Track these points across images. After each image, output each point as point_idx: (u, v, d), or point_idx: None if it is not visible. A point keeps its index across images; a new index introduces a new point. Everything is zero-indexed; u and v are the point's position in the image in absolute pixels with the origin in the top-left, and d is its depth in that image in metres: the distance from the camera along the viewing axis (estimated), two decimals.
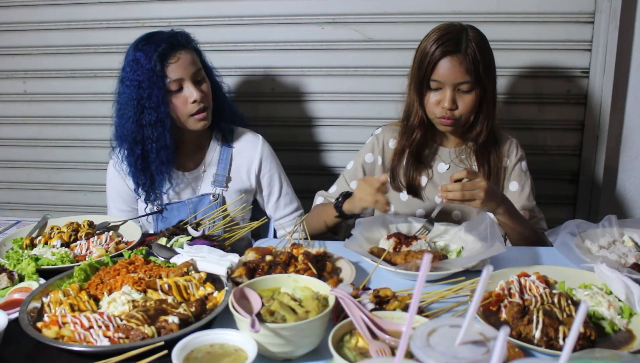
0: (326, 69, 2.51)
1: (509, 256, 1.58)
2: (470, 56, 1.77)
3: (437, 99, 1.83)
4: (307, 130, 2.61)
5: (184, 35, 1.94)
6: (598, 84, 2.35)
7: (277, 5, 2.46)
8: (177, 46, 1.89)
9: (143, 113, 1.87)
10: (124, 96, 1.90)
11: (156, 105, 1.86)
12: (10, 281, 1.44)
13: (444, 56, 1.78)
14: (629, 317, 1.26)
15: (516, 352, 1.10)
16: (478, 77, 1.79)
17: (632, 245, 1.60)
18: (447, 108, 1.80)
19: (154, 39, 1.89)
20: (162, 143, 1.91)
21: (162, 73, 1.85)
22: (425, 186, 1.98)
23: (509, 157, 1.97)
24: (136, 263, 1.45)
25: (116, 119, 1.97)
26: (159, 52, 1.84)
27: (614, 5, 2.26)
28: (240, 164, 2.09)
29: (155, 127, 1.88)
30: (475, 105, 1.83)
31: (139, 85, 1.85)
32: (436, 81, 1.81)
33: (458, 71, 1.78)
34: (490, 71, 1.84)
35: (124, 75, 1.91)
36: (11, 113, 2.82)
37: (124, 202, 2.11)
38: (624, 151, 2.51)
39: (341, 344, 1.06)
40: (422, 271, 0.75)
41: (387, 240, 1.63)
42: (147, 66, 1.84)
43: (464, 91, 1.81)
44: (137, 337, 1.14)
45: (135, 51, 1.88)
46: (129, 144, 1.93)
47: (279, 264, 1.44)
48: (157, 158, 1.92)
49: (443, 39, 1.79)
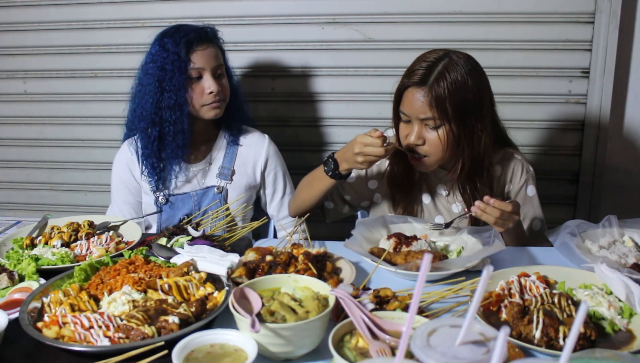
0: (326, 69, 2.51)
1: (509, 256, 1.58)
2: (435, 90, 1.62)
3: (405, 133, 1.72)
4: (307, 130, 2.61)
5: (212, 31, 2.01)
6: (598, 84, 2.35)
7: (277, 5, 2.46)
8: (204, 38, 1.96)
9: (163, 95, 1.92)
10: (146, 78, 1.95)
11: (176, 88, 1.91)
12: (10, 281, 1.44)
13: (408, 87, 1.68)
14: (629, 317, 1.26)
15: (516, 352, 1.10)
16: (444, 114, 1.63)
17: (632, 245, 1.60)
18: (412, 143, 1.69)
19: (183, 28, 1.96)
20: (180, 127, 1.95)
21: (186, 58, 1.91)
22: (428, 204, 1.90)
23: (512, 182, 1.86)
24: (136, 263, 1.45)
25: (133, 104, 2.03)
26: (186, 39, 1.91)
27: (614, 5, 2.26)
28: (246, 160, 2.12)
29: (174, 111, 1.93)
30: (444, 143, 1.66)
31: (162, 67, 1.91)
32: (403, 113, 1.71)
33: (420, 105, 1.64)
34: (467, 107, 1.65)
35: (148, 59, 1.97)
36: (11, 113, 2.82)
37: (129, 193, 2.12)
38: (624, 151, 2.51)
39: (341, 344, 1.06)
40: (422, 271, 0.75)
41: (387, 240, 1.63)
42: (173, 49, 1.90)
43: (430, 127, 1.67)
44: (138, 337, 1.14)
45: (162, 37, 1.95)
46: (146, 125, 1.97)
47: (279, 264, 1.44)
48: (173, 140, 1.97)
49: (414, 67, 1.68)
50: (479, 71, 1.69)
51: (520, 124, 2.45)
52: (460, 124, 1.66)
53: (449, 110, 1.62)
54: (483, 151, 1.72)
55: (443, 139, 1.66)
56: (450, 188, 1.88)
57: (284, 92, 2.56)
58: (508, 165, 1.87)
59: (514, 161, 1.87)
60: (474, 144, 1.70)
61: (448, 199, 1.90)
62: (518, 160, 1.87)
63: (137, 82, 2.02)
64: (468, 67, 1.66)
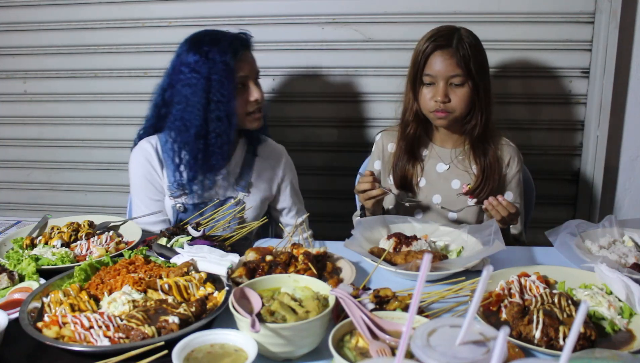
0: (326, 69, 2.51)
1: (509, 256, 1.58)
2: (460, 50, 1.82)
3: (430, 94, 1.87)
4: (307, 130, 2.61)
5: (249, 36, 1.96)
6: (598, 84, 2.35)
7: (277, 5, 2.46)
8: (246, 45, 1.94)
9: (210, 106, 1.85)
10: (188, 89, 1.86)
11: (227, 99, 1.85)
12: (10, 281, 1.44)
13: (435, 50, 1.84)
14: (629, 317, 1.26)
15: (516, 352, 1.10)
16: (469, 72, 1.83)
17: (632, 245, 1.60)
18: (440, 101, 1.84)
19: (222, 35, 1.90)
20: (226, 138, 1.89)
21: (234, 67, 1.85)
22: (424, 186, 1.99)
23: (510, 166, 1.99)
24: (136, 263, 1.45)
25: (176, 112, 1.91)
26: (233, 47, 1.86)
27: (614, 5, 2.26)
28: (264, 172, 2.08)
29: (222, 122, 1.86)
30: (468, 98, 1.86)
31: (207, 77, 1.83)
32: (429, 75, 1.86)
33: (449, 64, 1.82)
34: (483, 69, 1.88)
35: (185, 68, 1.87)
36: (11, 113, 2.82)
37: (155, 190, 2.01)
38: (624, 151, 2.51)
39: (341, 344, 1.06)
40: (422, 271, 0.75)
41: (387, 240, 1.63)
42: (220, 59, 1.84)
43: (456, 84, 1.84)
44: (138, 337, 1.14)
45: (199, 45, 1.87)
46: (189, 138, 1.89)
47: (279, 264, 1.44)
48: (219, 153, 1.91)
49: (435, 36, 1.86)
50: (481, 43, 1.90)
51: (520, 124, 2.45)
52: (480, 84, 1.86)
53: (473, 68, 1.83)
54: (490, 115, 1.91)
55: (467, 95, 1.85)
56: (450, 162, 1.99)
57: (284, 92, 2.56)
58: (506, 150, 1.99)
59: (510, 147, 2.00)
60: (488, 104, 1.90)
61: (447, 175, 1.98)
62: (513, 148, 2.01)
63: (172, 92, 1.92)
64: (472, 34, 1.88)
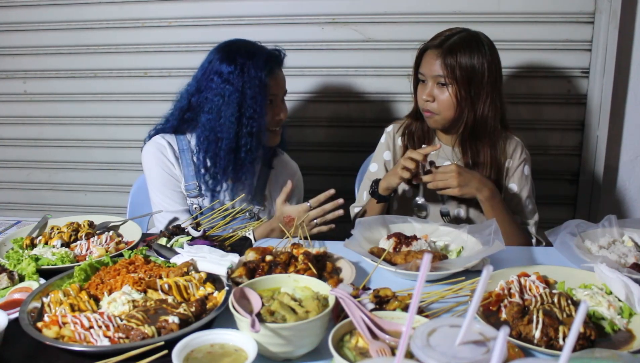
0: (326, 69, 2.51)
1: (509, 256, 1.58)
2: (448, 52, 1.82)
3: (422, 92, 1.90)
4: (307, 130, 2.61)
5: (284, 55, 1.98)
6: (598, 84, 2.36)
7: (277, 5, 2.47)
8: (280, 63, 1.96)
9: (242, 120, 1.86)
10: (220, 99, 1.86)
11: (259, 116, 1.86)
12: (10, 281, 1.44)
13: (427, 49, 1.89)
14: (629, 317, 1.26)
15: (516, 352, 1.10)
16: (453, 74, 1.81)
17: (632, 245, 1.60)
18: (424, 100, 1.88)
19: (259, 50, 1.91)
20: (255, 154, 1.92)
21: (267, 83, 1.87)
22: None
23: (512, 158, 1.98)
24: (136, 263, 1.45)
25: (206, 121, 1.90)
26: (268, 65, 1.88)
27: (614, 5, 2.26)
28: (278, 186, 2.07)
29: (254, 137, 1.88)
30: (451, 101, 1.85)
31: (241, 90, 1.84)
32: (421, 73, 1.90)
33: (434, 64, 1.85)
34: (474, 73, 1.82)
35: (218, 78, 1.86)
36: (11, 113, 2.82)
37: (175, 181, 1.99)
38: (624, 151, 2.51)
39: (341, 344, 1.06)
40: (422, 271, 0.75)
41: (387, 240, 1.63)
42: (255, 74, 1.85)
43: (441, 84, 1.85)
44: (137, 337, 1.14)
45: (234, 55, 1.87)
46: (224, 152, 1.89)
47: (279, 264, 1.44)
48: (249, 166, 1.93)
49: (436, 35, 1.89)
50: (491, 48, 1.88)
51: (520, 124, 2.44)
52: (467, 88, 1.83)
53: (457, 72, 1.81)
54: (485, 116, 1.87)
55: (450, 97, 1.84)
56: (452, 159, 1.99)
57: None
58: (510, 143, 2.00)
59: (514, 141, 2.01)
60: (476, 109, 1.87)
61: None
62: (518, 141, 2.02)
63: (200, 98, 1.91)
64: (482, 42, 1.86)
